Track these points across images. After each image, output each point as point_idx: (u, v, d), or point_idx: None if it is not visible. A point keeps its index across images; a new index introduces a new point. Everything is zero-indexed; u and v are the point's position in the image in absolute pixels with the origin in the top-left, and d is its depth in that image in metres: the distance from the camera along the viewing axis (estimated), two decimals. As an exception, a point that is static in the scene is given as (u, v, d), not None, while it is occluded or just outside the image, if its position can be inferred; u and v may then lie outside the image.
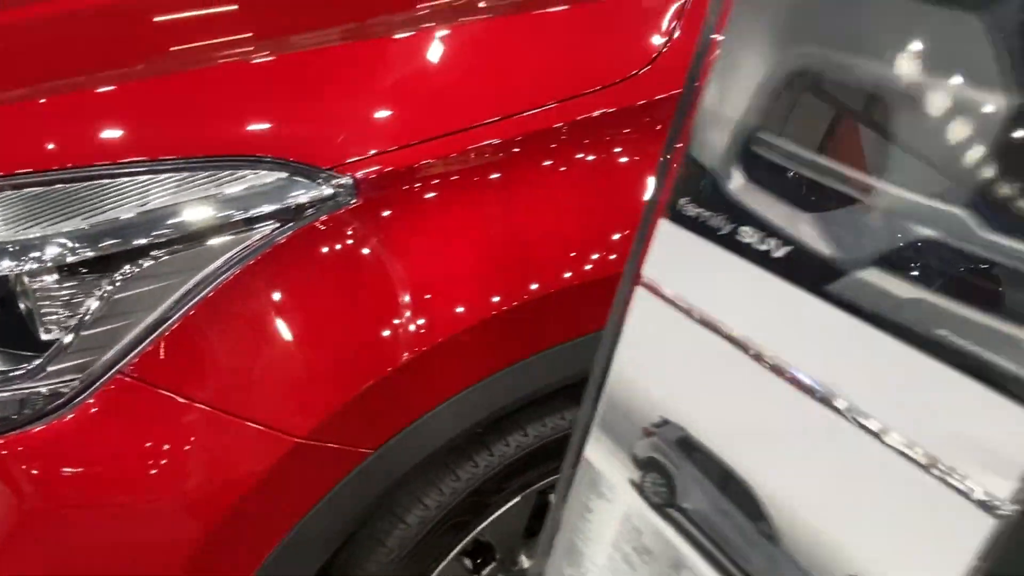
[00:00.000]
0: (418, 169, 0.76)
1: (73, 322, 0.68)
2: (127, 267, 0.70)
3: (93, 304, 0.68)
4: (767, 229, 0.56)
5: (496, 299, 0.79)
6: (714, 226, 0.59)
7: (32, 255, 0.68)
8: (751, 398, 0.57)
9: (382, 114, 0.80)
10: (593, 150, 0.86)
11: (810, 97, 0.56)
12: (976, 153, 0.46)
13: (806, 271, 0.53)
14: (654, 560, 0.68)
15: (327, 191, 0.74)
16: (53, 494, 0.70)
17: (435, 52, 0.86)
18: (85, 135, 0.75)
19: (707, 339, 0.60)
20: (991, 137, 0.44)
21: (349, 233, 0.75)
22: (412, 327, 0.75)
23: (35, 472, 0.70)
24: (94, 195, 0.70)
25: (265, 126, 0.78)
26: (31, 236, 0.67)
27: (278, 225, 0.73)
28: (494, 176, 0.81)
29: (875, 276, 0.49)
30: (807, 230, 0.54)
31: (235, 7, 1.13)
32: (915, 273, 0.48)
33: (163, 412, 0.70)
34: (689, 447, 0.64)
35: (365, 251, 0.76)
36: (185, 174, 0.72)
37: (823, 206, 0.53)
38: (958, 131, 0.47)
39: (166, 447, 0.71)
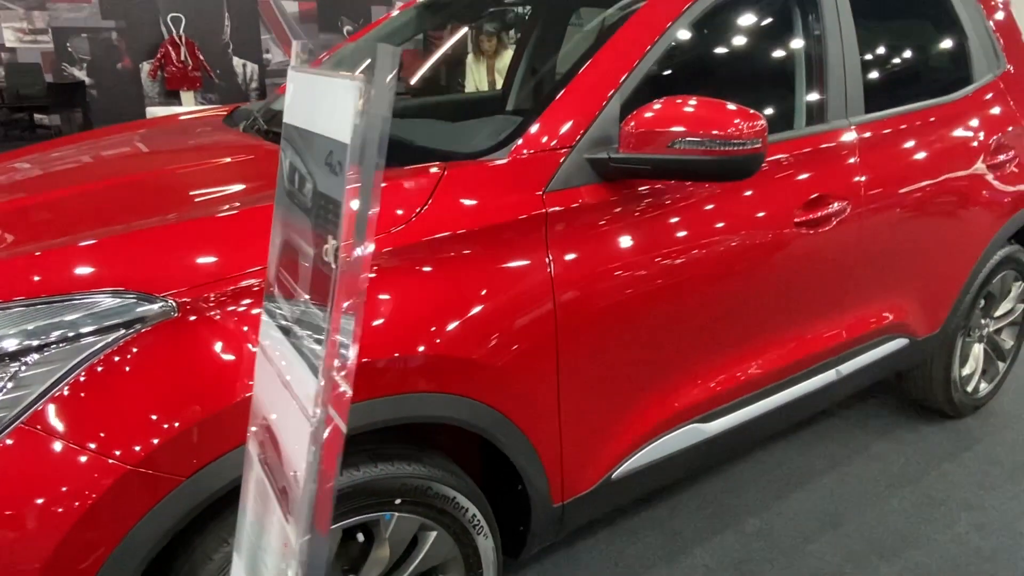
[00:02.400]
0: (210, 296, 1.21)
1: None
2: (31, 356, 1.15)
3: (5, 378, 1.12)
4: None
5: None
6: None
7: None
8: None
9: (194, 263, 1.27)
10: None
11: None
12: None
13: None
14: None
15: (159, 308, 1.19)
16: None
17: (236, 227, 1.34)
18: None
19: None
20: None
21: (172, 331, 1.19)
22: (205, 390, 1.17)
23: None
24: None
25: (128, 272, 1.25)
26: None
27: (128, 329, 1.17)
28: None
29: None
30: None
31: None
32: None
33: (43, 449, 1.11)
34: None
35: (182, 340, 1.19)
36: (77, 299, 1.18)
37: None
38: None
39: (46, 474, 1.11)
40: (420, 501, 1.44)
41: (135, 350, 1.15)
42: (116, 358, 1.14)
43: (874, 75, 2.29)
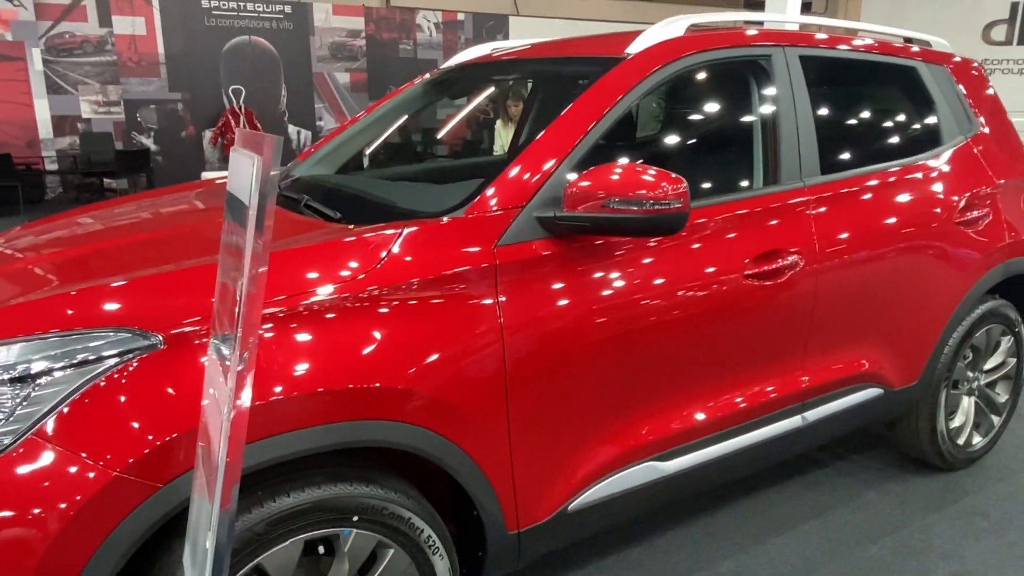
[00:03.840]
0: (190, 333, 1.44)
1: (7, 409, 1.36)
2: (43, 379, 1.39)
3: (18, 399, 1.37)
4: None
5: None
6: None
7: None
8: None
9: (179, 305, 1.50)
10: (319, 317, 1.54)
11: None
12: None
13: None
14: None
15: (148, 342, 1.43)
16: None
17: (213, 275, 1.59)
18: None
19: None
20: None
21: (159, 362, 1.42)
22: (181, 411, 1.39)
23: None
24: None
25: (127, 312, 1.49)
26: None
27: (122, 359, 1.41)
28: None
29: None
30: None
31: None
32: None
33: (48, 456, 1.34)
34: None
35: (165, 369, 1.42)
36: (84, 333, 1.43)
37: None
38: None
39: (59, 467, 1.34)
40: (376, 520, 1.62)
41: (127, 376, 1.39)
42: (110, 382, 1.38)
43: (833, 139, 2.46)
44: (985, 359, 3.01)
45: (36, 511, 1.31)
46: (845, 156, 2.49)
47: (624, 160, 1.86)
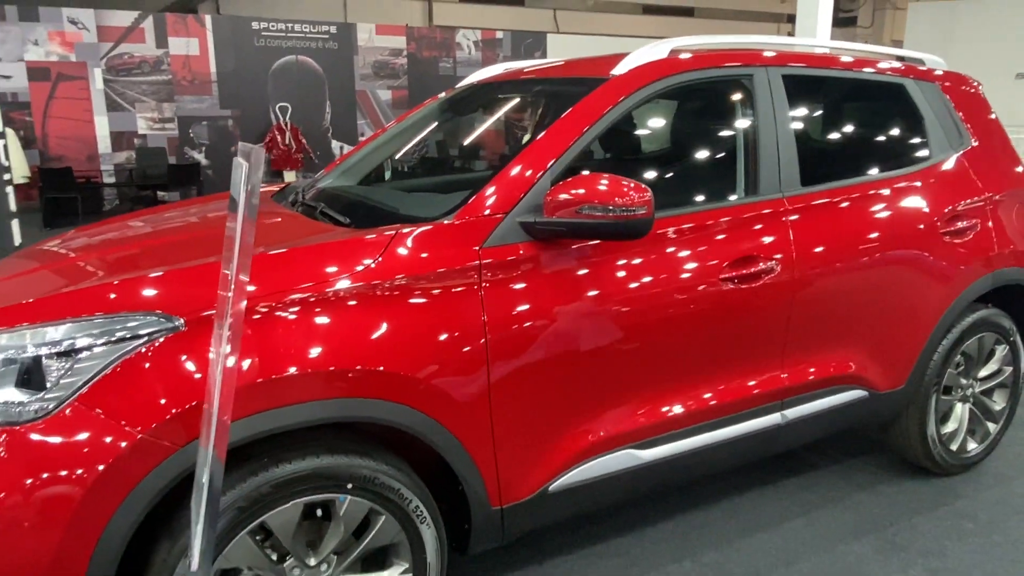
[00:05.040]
0: (208, 318, 1.68)
1: (53, 378, 1.61)
2: (84, 353, 1.64)
3: (62, 370, 1.61)
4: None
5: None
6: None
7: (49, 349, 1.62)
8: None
9: (198, 294, 1.74)
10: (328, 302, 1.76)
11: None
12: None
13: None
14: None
15: (173, 324, 1.67)
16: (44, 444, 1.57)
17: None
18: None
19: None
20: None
21: (180, 341, 1.66)
22: (197, 384, 1.62)
23: (34, 437, 1.58)
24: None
25: (157, 299, 1.74)
26: (47, 340, 1.64)
27: (152, 336, 1.65)
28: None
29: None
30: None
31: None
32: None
33: (85, 419, 1.59)
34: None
35: (185, 348, 1.66)
36: (119, 315, 1.68)
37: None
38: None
39: (94, 428, 1.58)
40: (368, 488, 1.82)
41: (152, 353, 1.62)
42: (138, 358, 1.62)
43: (815, 153, 2.61)
44: (978, 367, 3.08)
45: (74, 466, 1.55)
46: (826, 169, 2.63)
47: (609, 172, 2.04)
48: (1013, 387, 3.18)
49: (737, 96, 2.49)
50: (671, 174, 2.71)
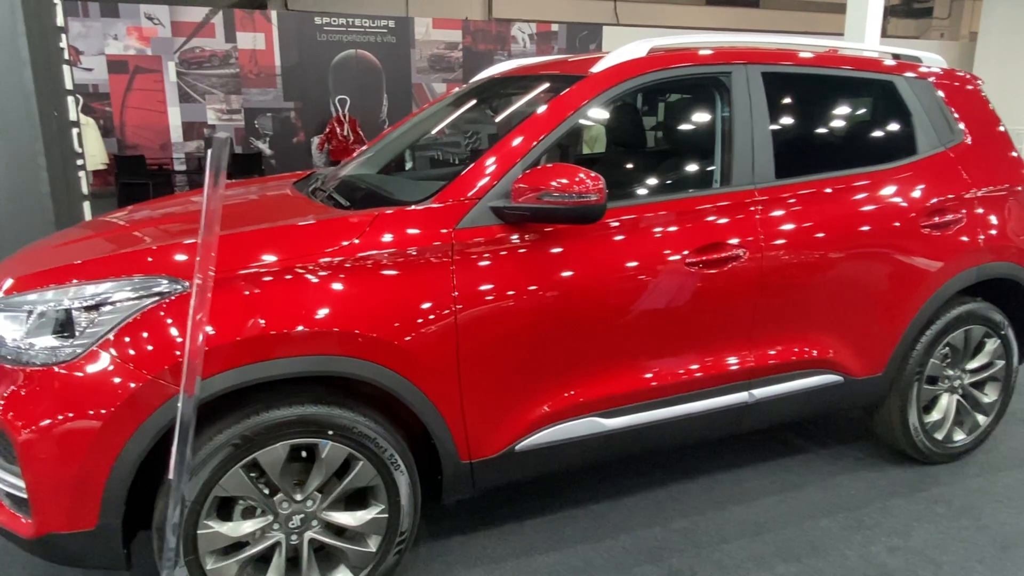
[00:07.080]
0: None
1: (82, 327, 1.93)
2: (106, 307, 1.95)
3: (89, 321, 1.93)
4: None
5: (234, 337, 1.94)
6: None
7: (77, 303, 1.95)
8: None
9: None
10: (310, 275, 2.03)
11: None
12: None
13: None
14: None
15: (181, 286, 1.97)
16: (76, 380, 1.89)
17: (227, 243, 2.10)
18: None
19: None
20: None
21: (184, 301, 1.96)
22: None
23: (65, 374, 1.91)
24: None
25: (171, 265, 2.04)
26: (80, 295, 1.96)
27: (164, 295, 1.96)
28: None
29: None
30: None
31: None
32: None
33: (105, 363, 1.90)
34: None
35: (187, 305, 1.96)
36: (135, 277, 1.99)
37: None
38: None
39: (112, 370, 1.90)
40: (347, 436, 2.09)
41: (161, 311, 1.92)
42: (150, 313, 1.92)
43: (794, 147, 2.74)
44: (966, 359, 3.15)
45: (95, 402, 1.87)
46: (804, 163, 2.75)
47: (590, 165, 2.24)
48: (1005, 381, 3.23)
49: (713, 92, 2.65)
50: (646, 165, 2.88)
